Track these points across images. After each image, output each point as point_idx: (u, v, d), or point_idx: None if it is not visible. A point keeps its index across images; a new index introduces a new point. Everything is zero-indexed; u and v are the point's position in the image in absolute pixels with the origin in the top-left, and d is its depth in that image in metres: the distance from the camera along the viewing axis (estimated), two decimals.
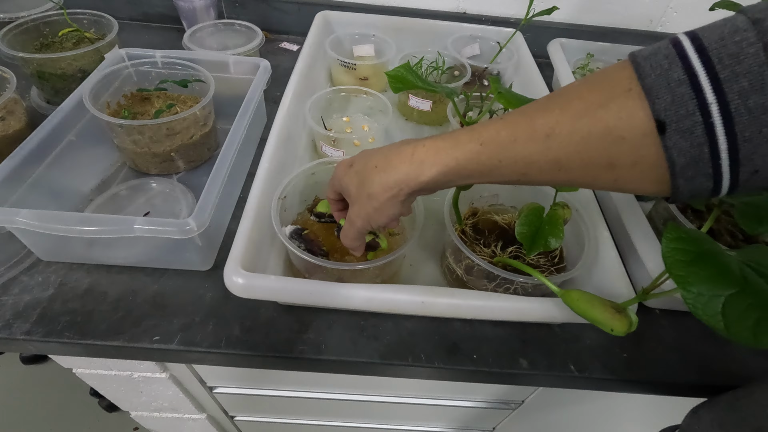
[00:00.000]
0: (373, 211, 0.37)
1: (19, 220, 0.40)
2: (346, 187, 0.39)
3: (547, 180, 0.31)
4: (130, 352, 0.44)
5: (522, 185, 0.33)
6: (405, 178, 0.34)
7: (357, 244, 0.42)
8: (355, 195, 0.38)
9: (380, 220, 0.37)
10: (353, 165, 0.39)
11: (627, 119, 0.25)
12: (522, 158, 0.30)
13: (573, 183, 0.31)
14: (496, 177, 0.32)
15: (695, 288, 0.24)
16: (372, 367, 0.45)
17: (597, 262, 0.46)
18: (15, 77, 0.57)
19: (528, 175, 0.31)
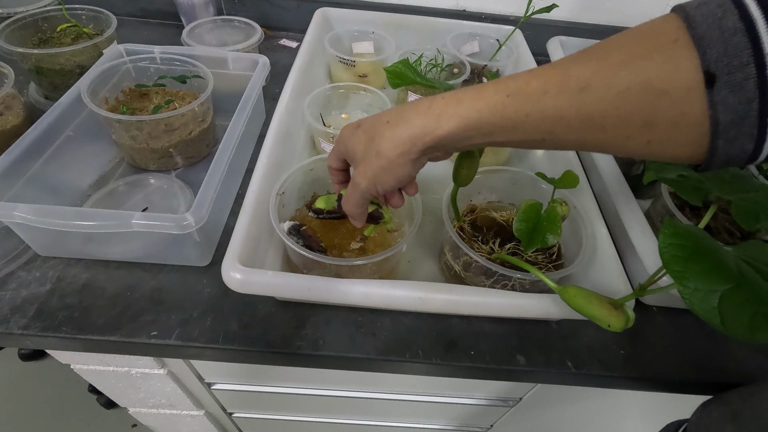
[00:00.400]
0: (381, 171, 0.34)
1: (16, 215, 0.40)
2: (351, 148, 0.36)
3: (574, 141, 0.29)
4: (128, 347, 0.44)
5: (542, 149, 0.31)
6: (419, 132, 0.31)
7: (359, 211, 0.39)
8: (362, 154, 0.35)
9: (388, 181, 0.35)
10: (361, 125, 0.36)
11: (672, 71, 0.24)
12: (552, 113, 0.28)
13: (601, 145, 0.28)
14: (519, 135, 0.30)
15: (692, 283, 0.24)
16: (370, 363, 0.45)
17: (595, 259, 0.46)
18: (13, 72, 0.57)
19: (554, 134, 0.28)
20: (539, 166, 0.65)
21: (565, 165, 0.59)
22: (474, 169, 0.42)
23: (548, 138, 0.29)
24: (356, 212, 0.39)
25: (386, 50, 0.77)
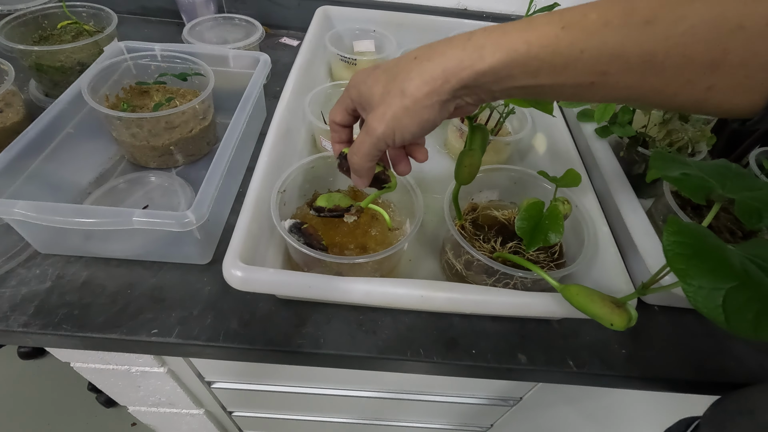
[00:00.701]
0: (404, 113, 0.30)
1: (16, 212, 0.40)
2: (367, 90, 0.33)
3: (626, 87, 0.26)
4: (128, 345, 0.44)
5: (583, 101, 0.29)
6: (455, 66, 0.28)
7: (368, 165, 0.35)
8: (381, 94, 0.31)
9: (409, 127, 0.31)
10: (380, 66, 0.33)
11: (751, 3, 0.22)
12: (610, 49, 0.25)
13: (655, 93, 0.26)
14: (568, 76, 0.27)
15: (696, 281, 0.24)
16: (370, 362, 0.45)
17: (596, 257, 0.46)
18: (13, 69, 0.57)
19: (608, 75, 0.26)
20: (541, 165, 0.64)
21: (566, 163, 0.58)
22: (476, 168, 0.42)
23: (599, 81, 0.27)
24: (364, 166, 0.35)
25: (387, 49, 0.77)
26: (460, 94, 0.30)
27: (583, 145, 0.63)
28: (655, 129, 0.63)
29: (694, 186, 0.32)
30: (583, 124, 0.63)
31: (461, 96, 0.30)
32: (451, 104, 0.31)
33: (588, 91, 0.28)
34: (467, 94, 0.30)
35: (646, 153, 0.58)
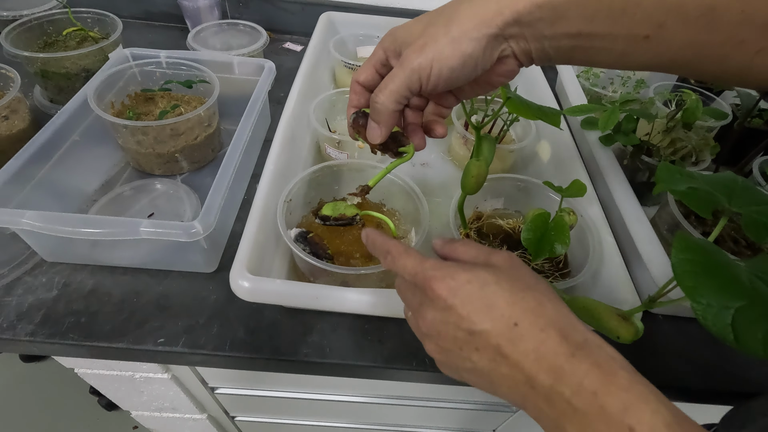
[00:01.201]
0: (446, 42, 0.28)
1: (24, 222, 0.40)
2: (405, 31, 0.32)
3: (680, 43, 0.26)
4: (135, 354, 0.44)
5: (633, 58, 0.28)
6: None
7: (392, 106, 0.32)
8: (423, 29, 0.30)
9: (449, 59, 0.28)
10: (427, 13, 0.31)
11: None
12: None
13: (707, 52, 0.26)
14: (624, 24, 0.26)
15: (705, 299, 0.24)
16: (376, 371, 0.45)
17: (602, 267, 0.46)
18: (19, 76, 0.57)
19: (664, 28, 0.26)
20: (545, 173, 0.65)
21: (570, 171, 0.59)
22: (483, 178, 0.42)
23: (654, 35, 0.26)
24: (389, 107, 0.32)
25: None
26: (510, 33, 0.28)
27: (586, 152, 0.63)
28: (658, 137, 0.63)
29: (701, 200, 0.32)
30: (586, 132, 0.63)
31: (511, 37, 0.29)
32: (497, 45, 0.29)
33: (640, 48, 0.27)
34: (517, 35, 0.29)
35: (650, 161, 0.59)
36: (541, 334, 0.24)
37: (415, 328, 0.30)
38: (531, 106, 0.43)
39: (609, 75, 0.82)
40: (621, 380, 0.22)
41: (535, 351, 0.23)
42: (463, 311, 0.25)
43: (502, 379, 0.25)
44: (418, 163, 0.67)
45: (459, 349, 0.26)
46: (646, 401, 0.21)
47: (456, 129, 0.65)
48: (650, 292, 0.48)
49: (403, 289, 0.31)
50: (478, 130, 0.44)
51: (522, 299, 0.25)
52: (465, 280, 0.26)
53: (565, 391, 0.22)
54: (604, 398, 0.21)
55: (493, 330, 0.24)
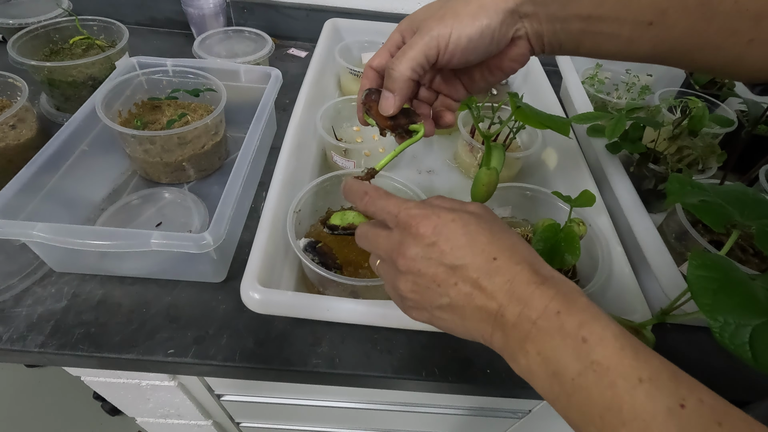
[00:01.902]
0: (465, 13, 0.30)
1: (35, 234, 0.40)
2: (423, 10, 0.33)
3: (681, 30, 0.29)
4: (145, 365, 0.44)
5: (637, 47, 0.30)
6: None
7: (407, 74, 0.32)
8: (441, 5, 0.32)
9: (467, 28, 0.30)
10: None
11: None
12: None
13: (703, 41, 0.29)
14: (630, 10, 0.29)
15: (722, 317, 0.24)
16: (385, 382, 0.45)
17: (611, 277, 0.46)
18: (27, 86, 0.57)
19: (667, 15, 0.28)
20: (551, 180, 0.65)
21: (576, 179, 0.59)
22: (494, 187, 0.43)
23: (657, 21, 0.29)
24: (404, 74, 0.32)
25: None
26: (525, 11, 0.30)
27: (593, 159, 0.63)
28: (664, 144, 0.63)
29: (714, 214, 0.32)
30: (593, 139, 0.63)
31: (525, 15, 0.31)
32: (513, 22, 0.31)
33: (644, 35, 0.29)
34: (531, 15, 0.31)
35: (657, 169, 0.59)
36: (516, 267, 0.26)
37: (387, 272, 0.30)
38: (540, 115, 0.43)
39: (614, 81, 0.83)
40: (580, 304, 0.24)
41: (509, 282, 0.25)
42: (446, 247, 0.27)
43: (474, 312, 0.26)
44: (425, 171, 0.67)
45: (437, 285, 0.27)
46: (599, 319, 0.23)
47: (462, 136, 0.66)
48: (660, 301, 0.48)
49: (371, 235, 0.31)
50: (488, 139, 0.44)
51: (500, 239, 0.27)
52: (449, 219, 0.27)
53: (532, 314, 0.24)
54: (565, 317, 0.23)
55: (474, 264, 0.26)
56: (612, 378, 0.21)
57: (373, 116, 0.36)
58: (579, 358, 0.22)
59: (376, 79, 0.37)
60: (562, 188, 0.62)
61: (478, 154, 0.65)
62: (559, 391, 0.23)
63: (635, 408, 0.20)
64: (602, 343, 0.22)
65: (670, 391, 0.20)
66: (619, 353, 0.22)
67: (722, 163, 0.60)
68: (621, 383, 0.21)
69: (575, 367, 0.22)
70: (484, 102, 0.64)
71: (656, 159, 0.60)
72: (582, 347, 0.22)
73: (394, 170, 0.67)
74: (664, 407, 0.20)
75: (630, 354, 0.22)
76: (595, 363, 0.22)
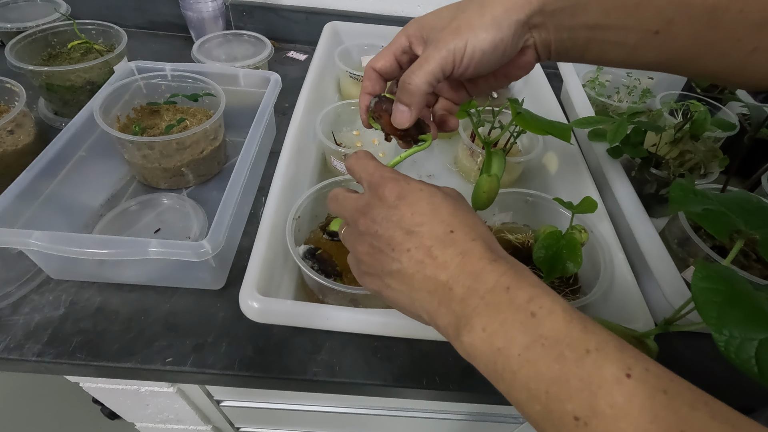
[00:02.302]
0: (480, 25, 0.30)
1: (32, 242, 0.40)
2: (433, 17, 0.33)
3: (685, 38, 0.29)
4: (143, 373, 0.44)
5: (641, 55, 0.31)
6: None
7: (424, 88, 0.31)
8: (453, 14, 0.31)
9: (483, 42, 0.30)
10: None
11: None
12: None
13: (708, 48, 0.29)
14: (638, 17, 0.29)
15: (727, 330, 0.24)
16: (386, 390, 0.45)
17: (613, 284, 0.46)
18: (24, 91, 0.57)
19: (672, 24, 0.29)
20: (552, 184, 0.64)
21: (577, 183, 0.58)
22: (495, 193, 0.42)
23: (664, 30, 0.29)
24: (421, 88, 0.31)
25: None
26: (534, 22, 0.31)
27: (594, 163, 0.63)
28: (665, 148, 0.62)
29: (717, 222, 0.32)
30: (594, 143, 0.63)
31: (534, 26, 0.31)
32: (523, 33, 0.31)
33: (650, 43, 0.30)
34: (540, 25, 0.31)
35: (659, 174, 0.58)
36: (471, 243, 0.26)
37: (349, 235, 0.30)
38: (541, 121, 0.43)
39: (614, 84, 0.82)
40: (531, 280, 0.24)
41: (462, 254, 0.25)
42: (407, 211, 0.27)
43: (423, 282, 0.26)
44: (425, 175, 0.67)
45: (391, 249, 0.27)
46: (548, 293, 0.24)
47: (462, 140, 0.65)
48: (662, 309, 0.48)
49: (341, 197, 0.31)
50: (488, 145, 0.43)
51: (462, 215, 0.27)
52: (417, 188, 0.28)
53: (481, 288, 0.24)
54: (515, 292, 0.23)
55: (431, 232, 0.26)
56: (560, 349, 0.21)
57: (383, 125, 0.36)
58: (527, 332, 0.22)
59: (378, 80, 0.36)
60: (563, 193, 0.62)
61: (479, 159, 0.65)
62: (504, 368, 0.22)
63: (582, 378, 0.20)
64: (551, 316, 0.22)
65: (616, 361, 0.20)
66: (568, 326, 0.22)
67: (724, 168, 0.60)
68: (569, 354, 0.21)
69: (523, 341, 0.22)
70: (485, 106, 0.63)
71: (658, 163, 0.60)
72: (531, 321, 0.22)
73: None
74: (611, 376, 0.20)
75: (578, 327, 0.22)
76: (543, 336, 0.22)
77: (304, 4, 0.91)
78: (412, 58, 0.35)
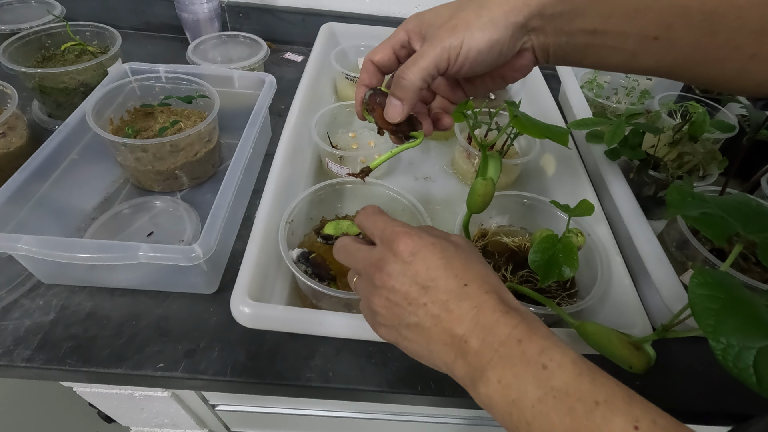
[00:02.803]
0: (477, 25, 0.30)
1: (21, 247, 0.39)
2: (432, 14, 0.33)
3: (685, 45, 0.29)
4: (134, 379, 0.43)
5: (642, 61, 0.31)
6: None
7: (418, 83, 0.31)
8: (452, 13, 0.31)
9: (478, 41, 0.30)
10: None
11: None
12: (676, 3, 0.28)
13: (706, 56, 0.29)
14: (638, 23, 0.29)
15: (725, 338, 0.23)
16: (381, 396, 0.44)
17: (610, 288, 0.45)
18: (16, 93, 0.56)
19: (672, 30, 0.29)
20: (549, 186, 0.64)
21: (575, 185, 0.58)
22: (490, 197, 0.42)
23: (663, 36, 0.29)
24: (415, 84, 0.31)
25: None
26: (533, 25, 0.31)
27: (591, 165, 0.62)
28: (664, 149, 0.62)
29: (715, 227, 0.31)
30: (592, 145, 0.62)
31: (533, 29, 0.31)
32: (521, 35, 0.31)
33: (649, 49, 0.30)
34: (538, 28, 0.31)
35: (657, 176, 0.58)
36: (485, 296, 0.27)
37: (363, 288, 0.31)
38: (538, 124, 0.42)
39: (613, 85, 0.82)
40: (542, 332, 0.25)
41: (476, 308, 0.26)
42: (422, 266, 0.28)
43: (440, 335, 0.27)
44: (421, 177, 0.67)
45: (408, 303, 0.28)
46: (559, 346, 0.24)
47: (459, 142, 0.65)
48: (660, 312, 0.47)
49: (352, 249, 0.32)
50: (484, 148, 0.43)
51: (474, 268, 0.28)
52: (429, 242, 0.29)
53: (495, 341, 0.25)
54: (527, 344, 0.24)
55: (446, 286, 0.27)
56: (571, 403, 0.22)
57: (376, 118, 0.36)
58: (539, 385, 0.23)
59: (375, 73, 0.36)
60: (560, 195, 0.61)
61: (475, 161, 0.64)
62: (519, 419, 0.23)
63: (592, 431, 0.21)
64: (561, 369, 0.23)
65: (624, 413, 0.21)
66: (577, 378, 0.23)
67: (723, 170, 0.59)
68: (579, 407, 0.22)
69: (535, 394, 0.23)
70: (482, 107, 0.63)
71: (656, 165, 0.59)
72: (542, 373, 0.23)
73: (390, 177, 0.66)
74: (619, 429, 0.20)
75: (587, 378, 0.23)
76: (554, 389, 0.22)
77: (300, 5, 0.91)
78: (410, 53, 0.35)
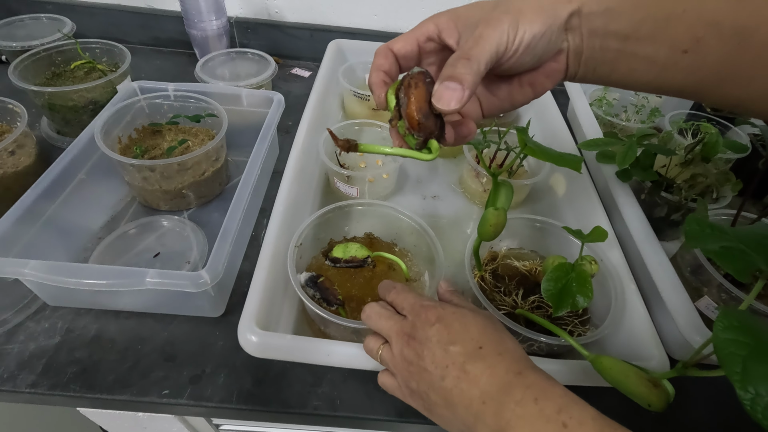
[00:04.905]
0: (532, 11, 0.30)
1: (27, 272, 0.39)
2: (467, 9, 0.32)
3: (715, 60, 0.29)
4: (138, 406, 0.42)
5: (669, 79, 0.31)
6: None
7: (483, 67, 0.29)
8: (494, 4, 0.31)
9: (534, 23, 0.29)
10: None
11: None
12: (707, 15, 0.28)
13: (739, 72, 0.29)
14: (668, 34, 0.29)
15: (753, 388, 0.22)
16: (389, 425, 0.43)
17: (623, 317, 0.44)
18: (26, 112, 0.57)
19: (702, 43, 0.29)
20: (559, 207, 0.63)
21: (585, 206, 0.57)
22: (501, 227, 0.41)
23: (692, 49, 0.29)
24: (483, 63, 0.29)
25: None
26: (572, 24, 0.31)
27: (602, 185, 0.61)
28: (675, 169, 0.61)
29: (737, 262, 0.30)
30: (602, 165, 0.61)
31: (571, 28, 0.31)
32: (561, 32, 0.31)
33: (678, 62, 0.30)
34: (575, 28, 0.31)
35: (669, 197, 0.57)
36: (498, 357, 0.29)
37: (392, 356, 0.33)
38: (551, 153, 0.42)
39: (622, 102, 0.81)
40: (557, 390, 0.27)
41: (491, 367, 0.28)
42: (444, 331, 0.31)
43: (460, 397, 0.28)
44: (429, 196, 0.66)
45: (435, 367, 0.30)
46: (577, 403, 0.26)
47: (467, 161, 0.64)
48: (676, 342, 0.46)
49: (384, 317, 0.35)
50: (494, 176, 0.42)
51: (490, 332, 0.31)
52: (451, 311, 0.32)
53: (510, 402, 0.26)
54: (543, 403, 0.25)
55: (463, 349, 0.29)
56: None
57: (406, 104, 0.30)
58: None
59: (394, 62, 0.34)
60: (570, 215, 0.61)
61: (484, 180, 0.63)
62: None
63: None
64: (582, 427, 0.24)
65: None
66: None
67: (738, 192, 0.58)
68: None
69: None
70: (491, 126, 0.62)
71: (668, 186, 0.59)
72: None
73: (397, 196, 0.66)
74: None
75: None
76: None
77: (308, 21, 0.91)
78: (439, 48, 0.34)
